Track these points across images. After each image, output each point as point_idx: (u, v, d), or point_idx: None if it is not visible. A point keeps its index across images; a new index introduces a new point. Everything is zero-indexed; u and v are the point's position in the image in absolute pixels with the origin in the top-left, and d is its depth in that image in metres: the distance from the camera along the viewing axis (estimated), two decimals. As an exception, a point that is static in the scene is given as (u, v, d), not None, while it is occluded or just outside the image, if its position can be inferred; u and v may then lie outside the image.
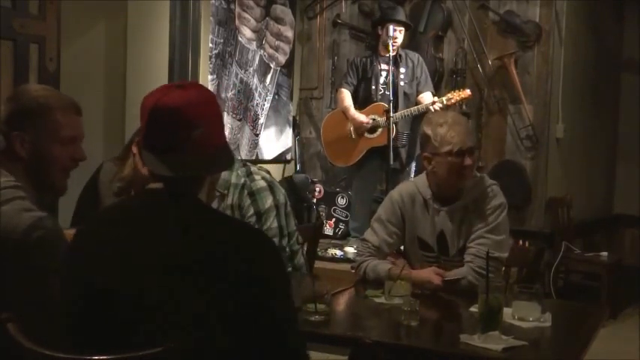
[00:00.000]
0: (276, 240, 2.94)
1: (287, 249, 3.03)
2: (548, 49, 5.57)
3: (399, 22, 5.23)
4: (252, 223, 2.94)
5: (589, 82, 6.32)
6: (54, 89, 2.08)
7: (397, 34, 5.15)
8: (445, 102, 5.03)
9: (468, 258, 2.72)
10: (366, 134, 5.23)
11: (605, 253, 5.75)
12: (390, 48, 5.07)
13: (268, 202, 2.96)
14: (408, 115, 5.12)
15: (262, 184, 3.00)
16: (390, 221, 2.88)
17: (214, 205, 3.02)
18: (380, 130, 5.18)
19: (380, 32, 5.27)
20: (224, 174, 3.00)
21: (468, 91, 5.11)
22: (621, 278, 5.69)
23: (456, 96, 5.06)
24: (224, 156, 1.59)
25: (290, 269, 3.05)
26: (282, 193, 3.03)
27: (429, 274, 2.68)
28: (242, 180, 2.99)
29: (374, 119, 5.22)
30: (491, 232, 2.73)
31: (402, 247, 3.04)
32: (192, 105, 1.51)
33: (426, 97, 5.20)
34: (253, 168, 3.10)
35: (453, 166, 2.71)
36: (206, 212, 1.55)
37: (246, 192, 2.97)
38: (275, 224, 2.96)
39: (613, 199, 7.20)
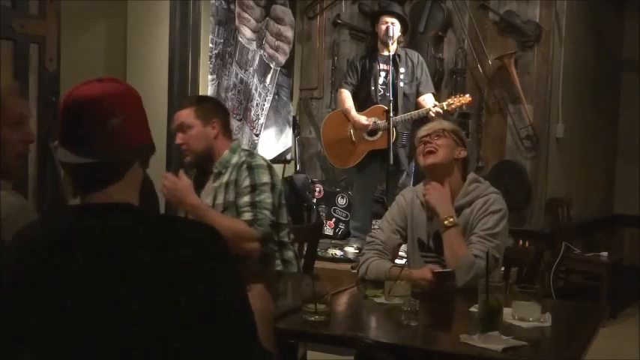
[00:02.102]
0: (267, 213, 2.97)
1: (276, 238, 3.07)
2: (548, 49, 5.57)
3: (391, 14, 5.22)
4: (246, 193, 3.00)
5: (589, 82, 6.32)
6: None
7: (390, 26, 5.12)
8: (446, 107, 5.03)
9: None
10: (367, 137, 5.23)
11: (605, 253, 5.75)
12: (389, 43, 5.05)
13: (265, 178, 3.03)
14: (407, 120, 5.12)
15: (262, 162, 3.09)
16: (394, 220, 2.96)
17: (210, 182, 3.09)
18: (380, 133, 5.18)
19: (377, 30, 5.27)
20: (226, 154, 3.07)
21: (468, 97, 5.12)
22: (621, 278, 5.69)
23: (456, 101, 5.07)
24: (145, 152, 1.49)
25: (279, 261, 3.09)
26: (279, 181, 3.11)
27: (422, 271, 2.70)
28: (243, 159, 3.07)
29: (374, 122, 5.22)
30: (490, 235, 2.76)
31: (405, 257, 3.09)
32: (108, 95, 1.43)
33: (428, 100, 5.19)
34: (255, 152, 3.19)
35: (420, 151, 2.90)
36: (142, 218, 1.42)
37: (244, 166, 3.04)
38: (269, 200, 3.01)
39: (613, 199, 7.20)
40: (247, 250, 2.92)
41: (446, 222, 2.76)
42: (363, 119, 5.21)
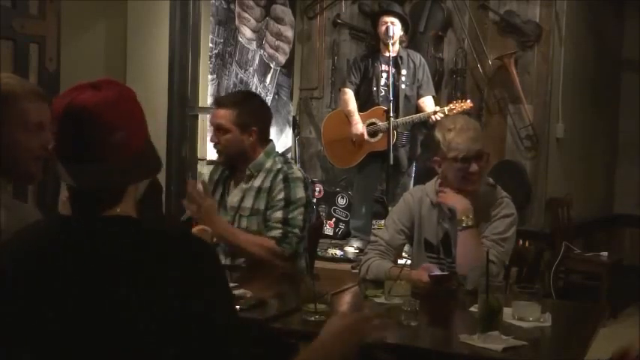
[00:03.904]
0: (297, 231, 2.94)
1: (299, 248, 3.04)
2: (548, 49, 5.57)
3: (391, 14, 5.21)
4: (278, 207, 2.95)
5: (589, 82, 6.32)
6: (17, 77, 2.03)
7: (390, 26, 5.11)
8: (447, 112, 5.02)
9: None
10: (367, 138, 5.22)
11: (605, 253, 5.75)
12: (390, 44, 5.05)
13: (300, 193, 2.97)
14: (408, 123, 5.12)
15: (299, 174, 3.02)
16: (400, 219, 2.93)
17: (241, 182, 3.05)
18: (381, 134, 5.17)
19: (377, 31, 5.26)
20: (260, 157, 3.03)
21: (469, 102, 5.11)
22: (621, 278, 5.68)
23: (457, 106, 5.05)
24: (149, 159, 1.44)
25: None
26: (311, 195, 3.05)
27: (419, 273, 2.68)
28: (278, 166, 3.01)
29: (374, 123, 5.21)
30: (502, 240, 2.76)
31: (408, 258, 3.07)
32: (109, 105, 1.36)
33: (428, 103, 5.18)
34: (290, 160, 3.14)
35: (459, 171, 2.77)
36: (139, 229, 1.39)
37: (281, 176, 2.98)
38: (301, 217, 2.96)
39: (613, 199, 7.19)
40: (272, 266, 2.91)
41: (464, 219, 2.72)
42: (361, 128, 5.19)
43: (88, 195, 1.39)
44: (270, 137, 3.14)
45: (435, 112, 5.03)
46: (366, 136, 5.19)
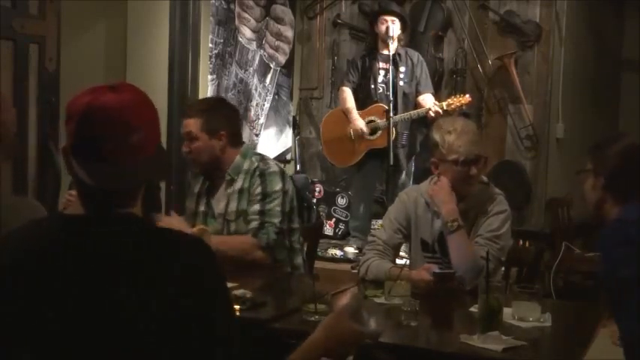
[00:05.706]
0: (276, 220, 2.96)
1: (287, 243, 3.06)
2: (548, 49, 5.58)
3: (390, 13, 5.22)
4: (256, 201, 3.00)
5: (589, 82, 6.32)
6: None
7: (390, 25, 5.12)
8: (445, 107, 5.02)
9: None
10: (366, 135, 5.22)
11: (605, 253, 5.73)
12: (389, 42, 5.05)
13: (276, 186, 3.01)
14: (407, 119, 5.12)
15: (275, 168, 3.07)
16: (397, 219, 2.94)
17: (222, 188, 3.07)
18: (380, 132, 5.17)
19: (377, 29, 5.27)
20: (237, 160, 3.05)
21: (467, 97, 5.11)
22: (621, 278, 5.67)
23: (456, 101, 5.06)
24: (161, 160, 1.49)
25: (288, 268, 3.08)
26: (291, 186, 3.08)
27: (420, 272, 2.68)
28: (255, 164, 3.05)
29: (373, 121, 5.21)
30: (496, 237, 2.76)
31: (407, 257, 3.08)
32: (129, 107, 1.39)
33: (427, 100, 5.18)
34: (267, 156, 3.17)
35: (458, 174, 2.77)
36: (141, 229, 1.41)
37: (257, 173, 3.03)
38: (279, 208, 2.99)
39: (613, 199, 7.18)
40: (256, 260, 2.93)
41: (449, 225, 2.74)
42: (361, 124, 5.19)
43: (105, 194, 1.39)
44: (243, 140, 3.19)
45: (435, 105, 5.03)
46: (365, 134, 5.19)
